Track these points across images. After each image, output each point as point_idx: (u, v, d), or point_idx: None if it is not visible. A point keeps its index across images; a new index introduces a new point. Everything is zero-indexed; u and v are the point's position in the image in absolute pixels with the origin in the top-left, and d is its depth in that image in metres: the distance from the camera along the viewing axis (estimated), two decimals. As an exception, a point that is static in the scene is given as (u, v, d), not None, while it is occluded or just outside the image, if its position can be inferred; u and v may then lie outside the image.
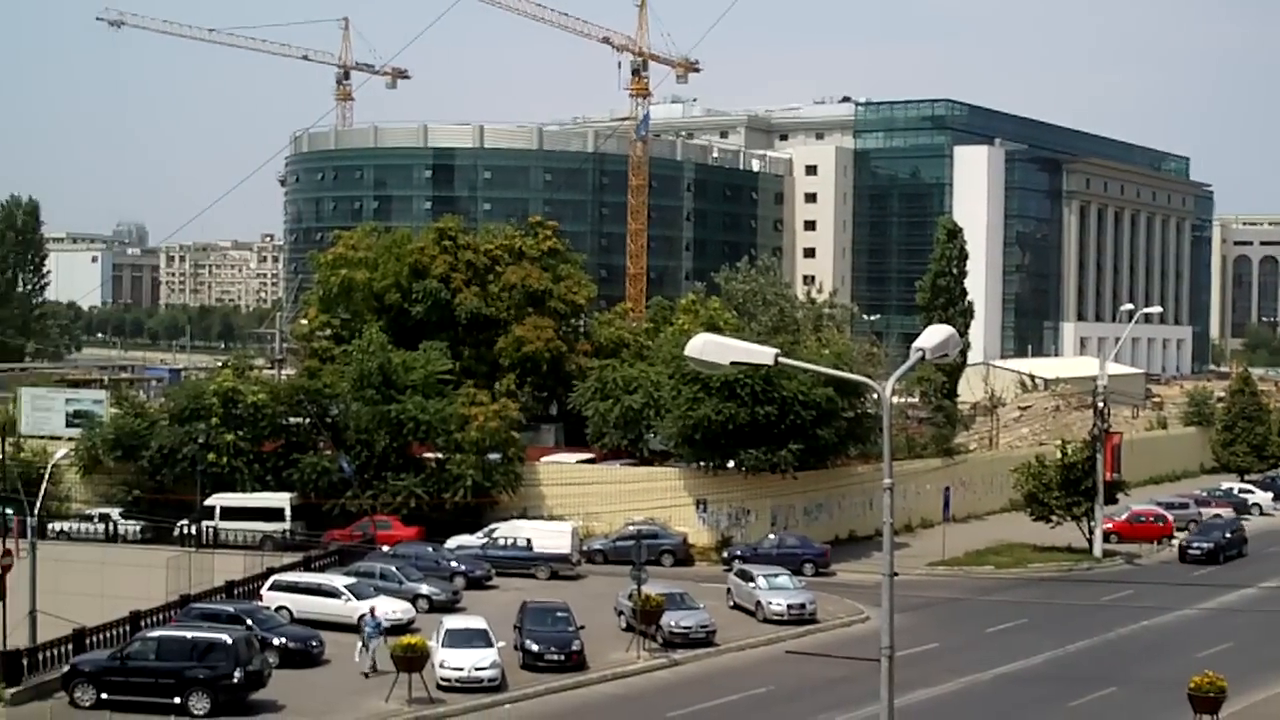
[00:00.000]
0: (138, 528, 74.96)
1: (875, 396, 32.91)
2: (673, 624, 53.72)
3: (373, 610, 48.82)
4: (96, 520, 76.08)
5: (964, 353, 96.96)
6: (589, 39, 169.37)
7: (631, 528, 71.55)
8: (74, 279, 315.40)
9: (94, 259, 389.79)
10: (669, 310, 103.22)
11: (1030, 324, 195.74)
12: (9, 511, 60.36)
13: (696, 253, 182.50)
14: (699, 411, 74.20)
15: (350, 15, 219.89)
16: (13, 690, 44.60)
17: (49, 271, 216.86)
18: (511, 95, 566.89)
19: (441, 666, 46.50)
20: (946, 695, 47.92)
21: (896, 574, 22.01)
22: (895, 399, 30.62)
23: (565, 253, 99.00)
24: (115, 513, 76.95)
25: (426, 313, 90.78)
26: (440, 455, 77.54)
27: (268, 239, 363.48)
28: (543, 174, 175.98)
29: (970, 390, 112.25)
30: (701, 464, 77.89)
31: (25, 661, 46.26)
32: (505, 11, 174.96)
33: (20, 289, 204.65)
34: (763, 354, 19.58)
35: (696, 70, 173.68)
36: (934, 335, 20.07)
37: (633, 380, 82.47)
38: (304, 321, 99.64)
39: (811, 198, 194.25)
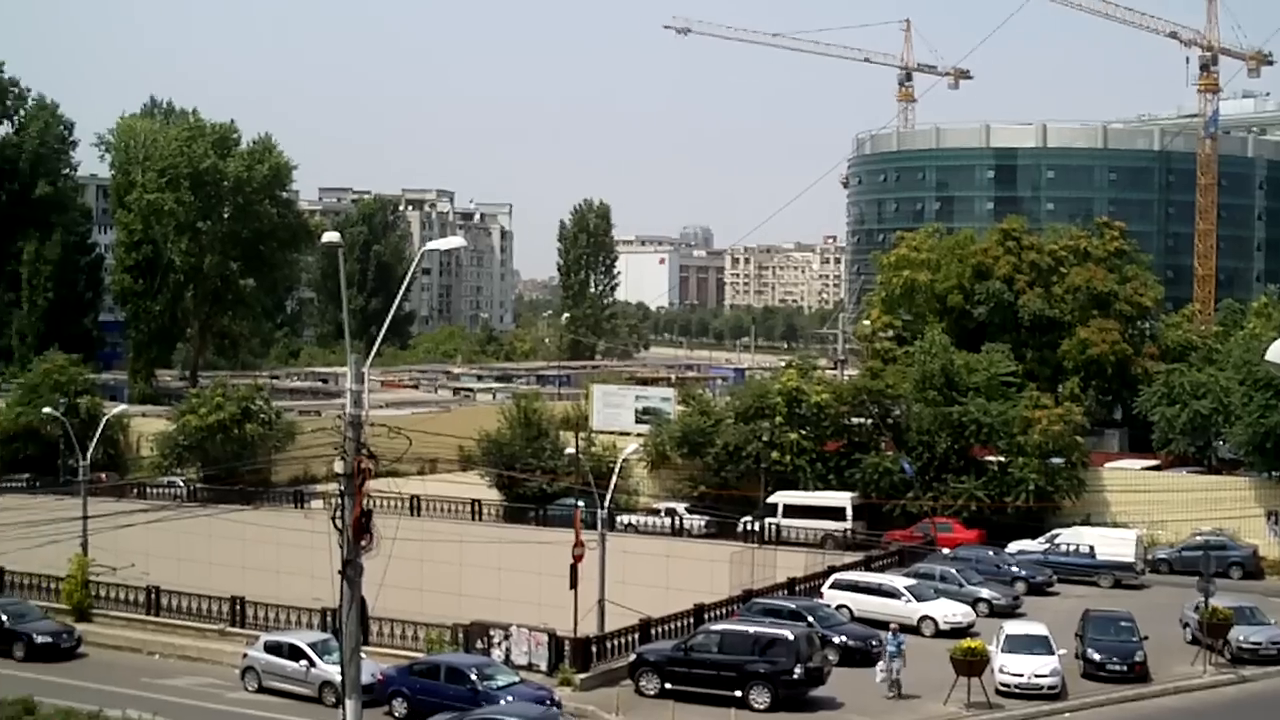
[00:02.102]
0: (702, 522, 77.03)
1: None
2: (1241, 639, 51.61)
3: (895, 628, 47.92)
4: (663, 514, 78.89)
5: None
6: (1156, 34, 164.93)
7: (1199, 538, 69.12)
8: (642, 280, 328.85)
9: (661, 261, 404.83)
10: (1239, 314, 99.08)
11: None
12: (581, 504, 63.51)
13: (1269, 254, 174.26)
14: (1271, 419, 71.06)
15: (911, 17, 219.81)
16: (582, 676, 46.83)
17: (619, 273, 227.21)
18: (1074, 93, 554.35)
19: (1001, 672, 46.27)
20: None
21: None
22: None
23: (1132, 253, 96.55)
24: (681, 507, 79.76)
25: (989, 314, 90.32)
26: (1002, 458, 77.02)
27: (830, 240, 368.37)
28: (1107, 173, 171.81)
29: None
30: (1273, 474, 74.47)
31: (594, 649, 48.42)
32: (1070, 9, 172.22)
33: (592, 289, 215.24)
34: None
35: (1269, 63, 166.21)
36: None
37: (1201, 385, 79.56)
38: (866, 322, 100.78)
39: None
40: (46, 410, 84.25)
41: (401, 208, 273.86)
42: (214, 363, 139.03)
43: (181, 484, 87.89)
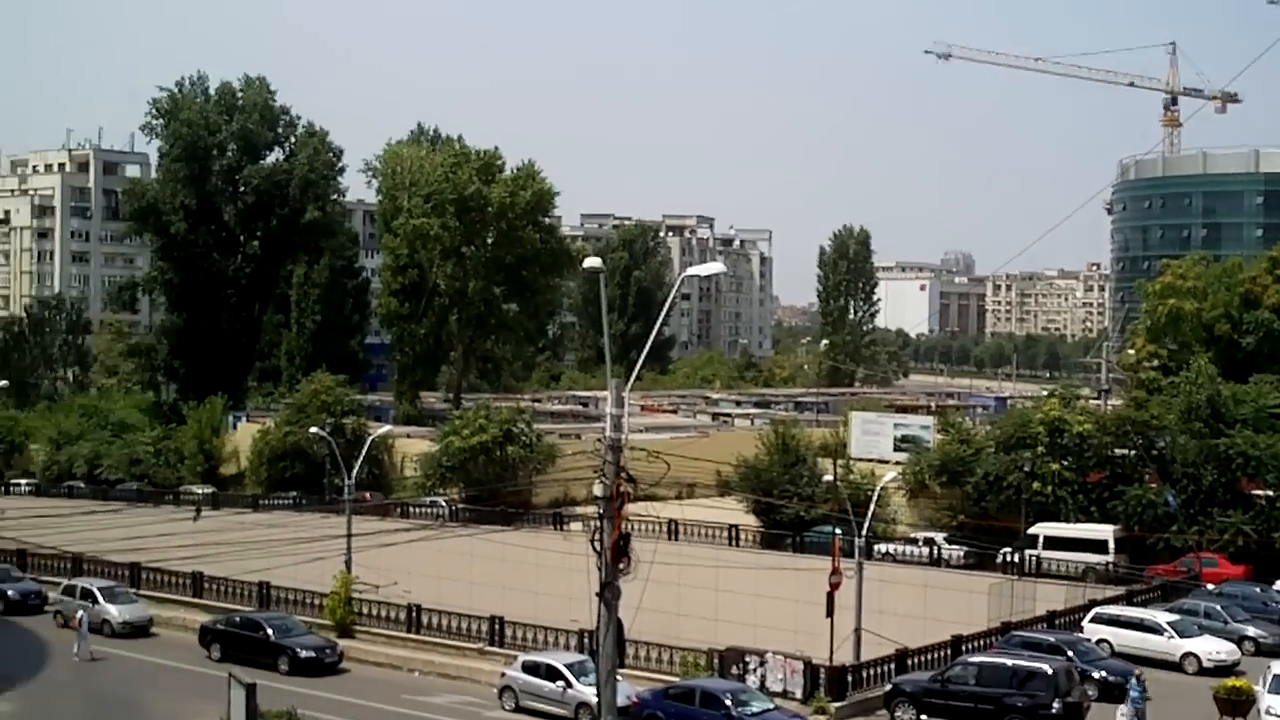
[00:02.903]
0: (961, 553, 76.05)
1: None
2: None
3: (1139, 675, 46.02)
4: (921, 543, 77.98)
5: None
6: None
7: None
8: (902, 307, 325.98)
9: (922, 287, 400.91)
10: None
11: None
12: (838, 531, 62.99)
13: None
14: None
15: (1177, 40, 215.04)
16: (837, 704, 46.45)
17: (879, 299, 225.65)
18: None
19: (1267, 714, 44.60)
20: None
21: None
22: None
23: None
24: (939, 537, 78.79)
25: (1257, 344, 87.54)
26: (1270, 492, 74.34)
27: (1094, 268, 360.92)
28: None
29: None
30: None
31: (850, 677, 48.03)
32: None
33: (852, 316, 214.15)
34: None
35: None
36: None
37: None
38: (1130, 351, 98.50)
39: None
40: (314, 430, 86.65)
41: (662, 234, 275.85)
42: (477, 385, 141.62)
43: (444, 504, 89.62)
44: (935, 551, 76.27)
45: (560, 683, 47.82)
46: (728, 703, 43.95)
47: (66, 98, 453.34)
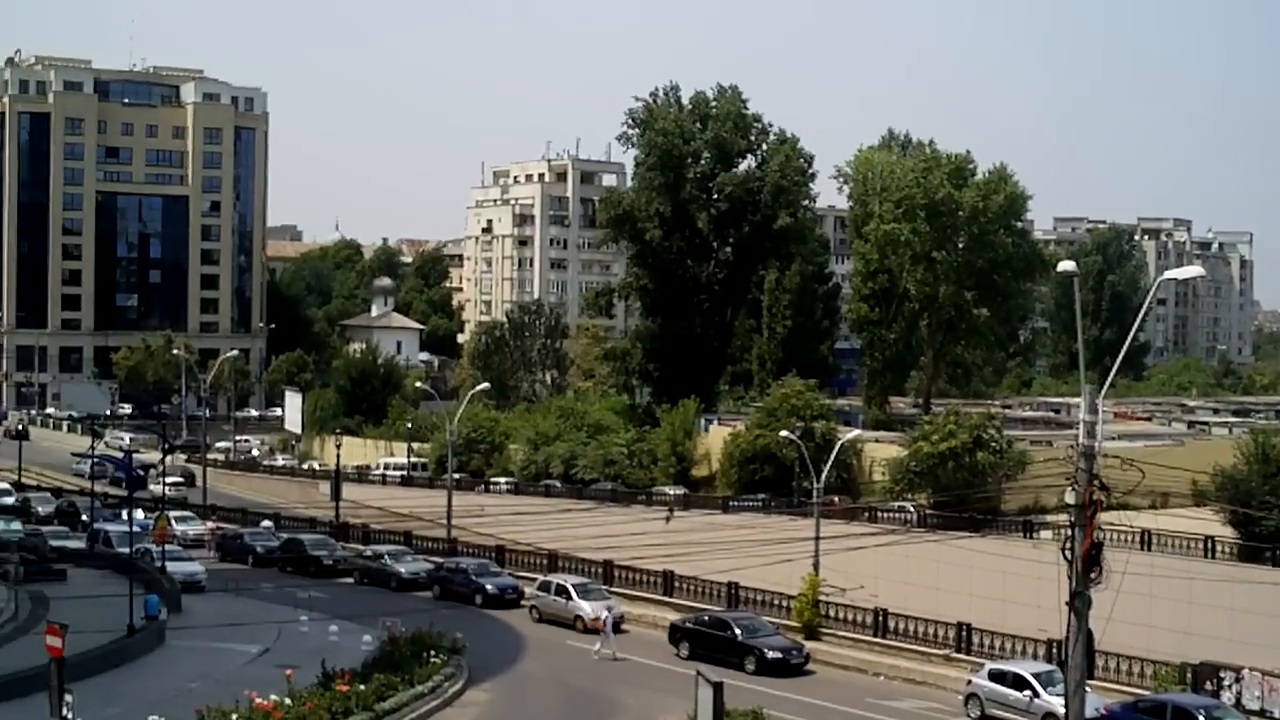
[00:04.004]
0: None
1: None
2: None
3: None
4: None
5: None
6: None
7: None
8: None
9: None
10: None
11: None
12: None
13: None
14: None
15: None
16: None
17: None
18: None
19: None
20: None
21: None
22: None
23: None
24: None
25: None
26: None
27: None
28: None
29: None
30: None
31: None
32: None
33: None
34: None
35: None
36: None
37: None
38: None
39: None
40: (783, 433, 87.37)
41: (1136, 237, 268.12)
42: (946, 391, 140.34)
43: (911, 509, 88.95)
44: None
45: (1027, 692, 47.02)
46: (1201, 718, 42.28)
47: (546, 109, 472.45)
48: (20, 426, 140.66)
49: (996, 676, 48.48)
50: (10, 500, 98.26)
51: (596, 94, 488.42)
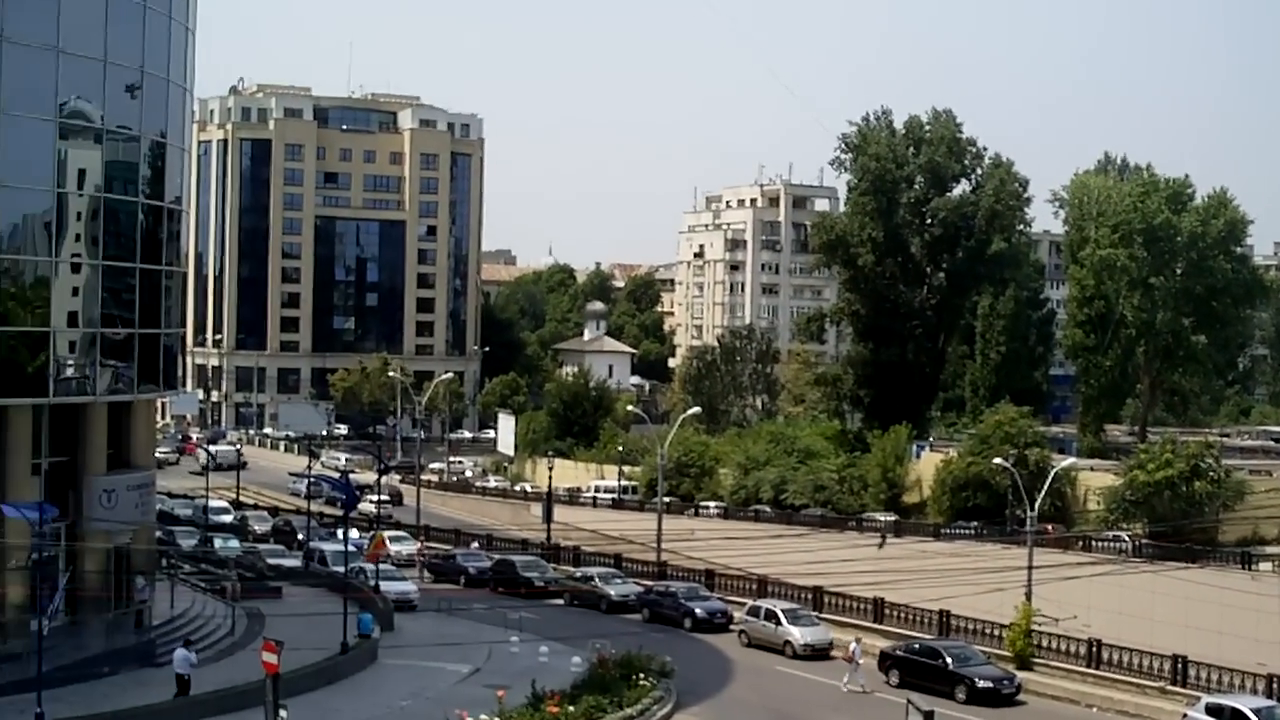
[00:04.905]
0: None
1: None
2: None
3: None
4: None
5: None
6: None
7: None
8: None
9: None
10: None
11: None
12: None
13: None
14: None
15: None
16: None
17: None
18: None
19: None
20: None
21: None
22: None
23: None
24: None
25: None
26: None
27: None
28: None
29: None
30: None
31: None
32: None
33: None
34: None
35: None
36: None
37: None
38: None
39: None
40: (997, 461, 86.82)
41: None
42: (1162, 419, 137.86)
43: (1126, 539, 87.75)
44: None
45: (1243, 727, 46.14)
46: None
47: (759, 134, 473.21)
48: (237, 454, 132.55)
49: (1214, 711, 47.73)
50: (228, 519, 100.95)
51: (809, 118, 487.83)
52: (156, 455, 75.65)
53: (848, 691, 54.90)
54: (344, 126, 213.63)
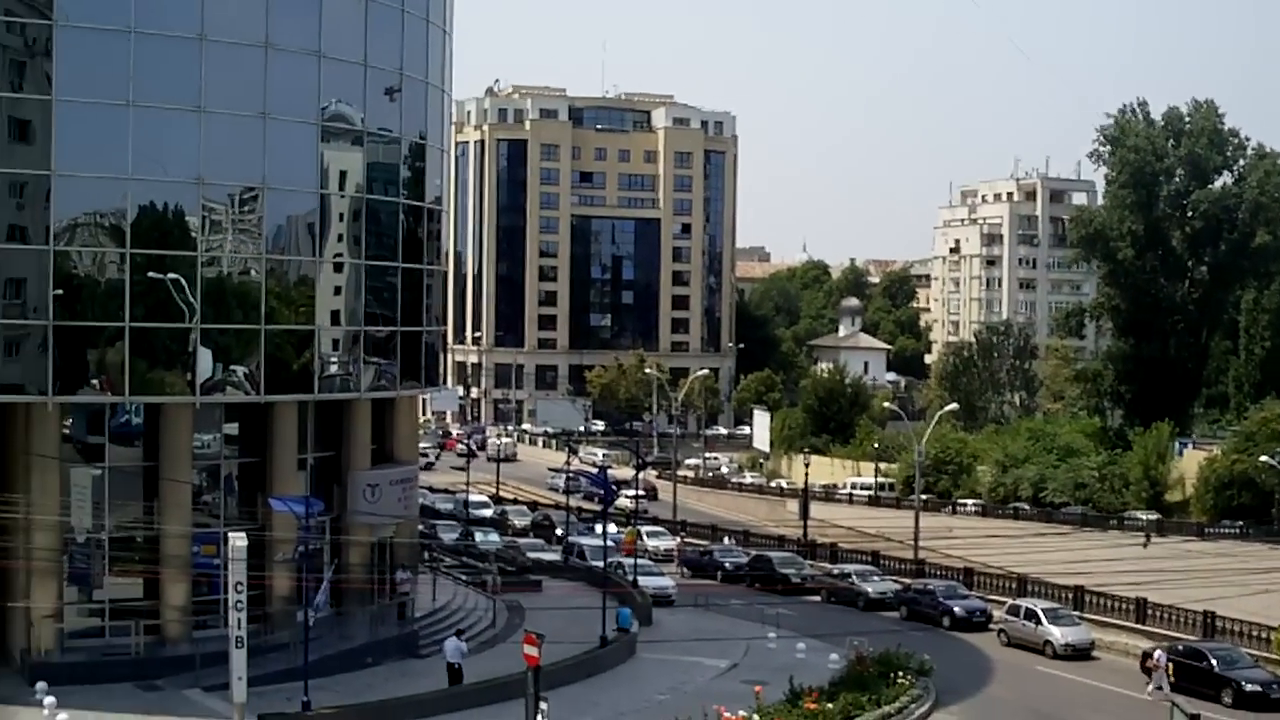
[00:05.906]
0: None
1: None
2: None
3: None
4: None
5: None
6: None
7: None
8: None
9: None
10: None
11: None
12: None
13: None
14: None
15: None
16: None
17: None
18: None
19: None
20: None
21: None
22: None
23: None
24: None
25: None
26: None
27: None
28: None
29: None
30: None
31: None
32: None
33: None
34: None
35: None
36: None
37: None
38: None
39: None
40: (1263, 458, 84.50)
41: None
42: None
43: None
44: None
45: None
46: None
47: (1014, 127, 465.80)
48: (500, 449, 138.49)
49: None
50: (488, 513, 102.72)
51: (1065, 111, 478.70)
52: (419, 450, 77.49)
53: (1151, 699, 53.14)
54: (598, 126, 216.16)
